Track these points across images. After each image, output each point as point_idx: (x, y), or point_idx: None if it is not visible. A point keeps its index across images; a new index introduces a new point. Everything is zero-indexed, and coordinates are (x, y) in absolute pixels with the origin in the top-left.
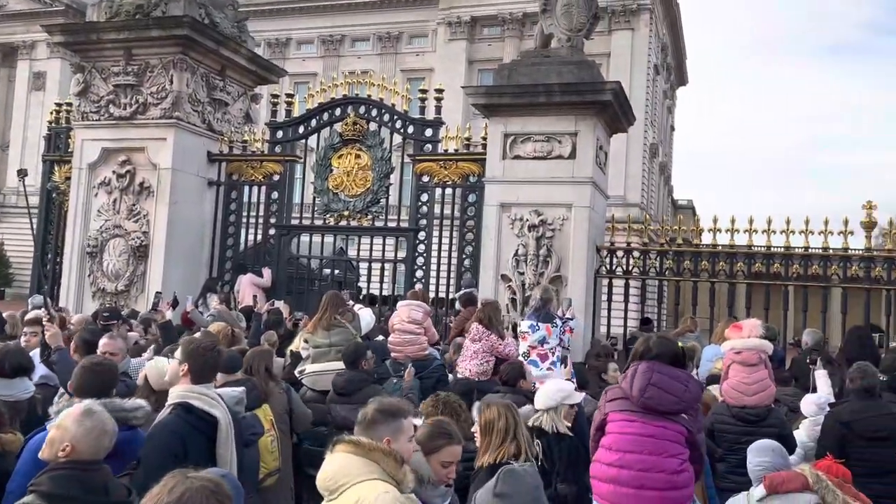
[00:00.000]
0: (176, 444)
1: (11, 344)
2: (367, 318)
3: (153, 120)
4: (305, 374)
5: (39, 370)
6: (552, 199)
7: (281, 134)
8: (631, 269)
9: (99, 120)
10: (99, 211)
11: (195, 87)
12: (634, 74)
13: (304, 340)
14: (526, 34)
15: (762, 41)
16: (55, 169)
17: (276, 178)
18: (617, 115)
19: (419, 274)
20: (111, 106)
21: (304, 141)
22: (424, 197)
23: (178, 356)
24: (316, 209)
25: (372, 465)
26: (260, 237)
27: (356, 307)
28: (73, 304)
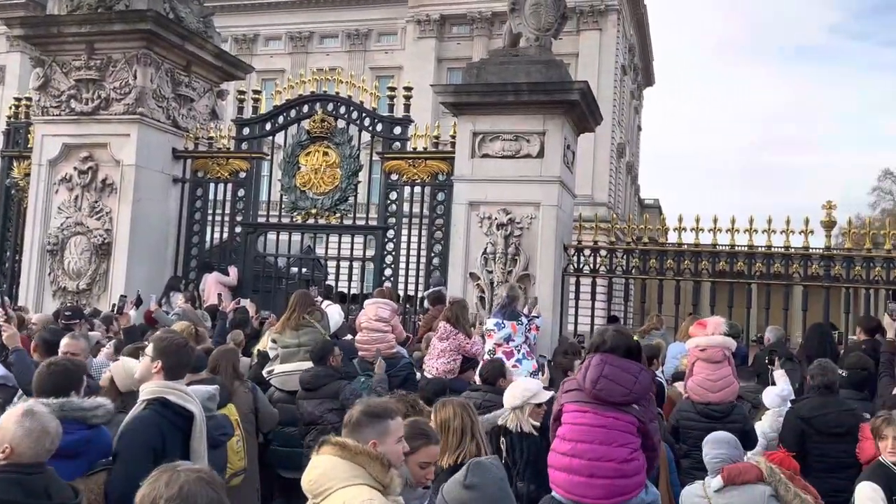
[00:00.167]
0: (155, 438)
1: None
2: (335, 316)
3: (116, 115)
4: (274, 374)
5: None
6: (520, 197)
7: (248, 131)
8: (598, 267)
9: (60, 115)
10: (60, 208)
11: (160, 82)
12: (602, 74)
13: (271, 340)
14: (495, 33)
15: (729, 43)
16: (14, 165)
17: (242, 175)
18: (584, 114)
19: (388, 272)
20: (72, 101)
21: (271, 138)
22: (393, 195)
23: (149, 353)
24: (283, 207)
25: (357, 469)
26: (226, 235)
27: (325, 304)
28: (32, 303)
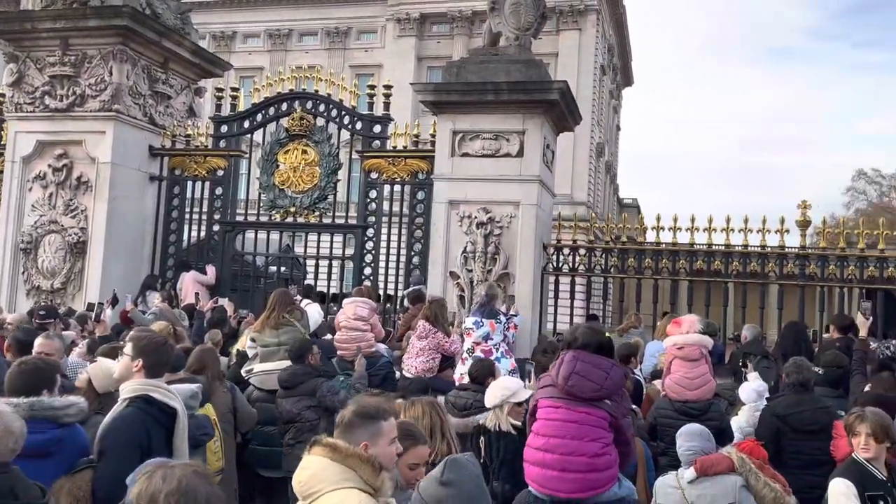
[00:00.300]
0: (141, 435)
1: None
2: (315, 315)
3: (91, 112)
4: (253, 373)
5: None
6: (500, 196)
7: (226, 128)
8: (577, 266)
9: (34, 112)
10: (33, 206)
11: (136, 79)
12: (581, 74)
13: (250, 339)
14: (475, 32)
15: (708, 44)
16: None
17: (220, 173)
18: (564, 114)
19: (367, 271)
20: (47, 97)
21: (249, 136)
22: (373, 194)
23: (128, 352)
24: (262, 205)
25: (348, 471)
26: (204, 234)
27: (304, 303)
28: (5, 302)
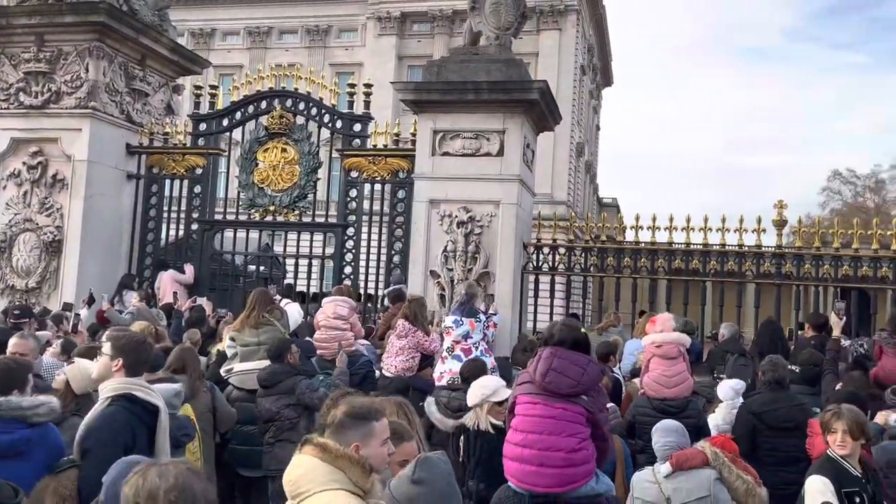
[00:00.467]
0: (126, 434)
1: None
2: (294, 314)
3: (67, 109)
4: (233, 373)
5: None
6: (481, 196)
7: (204, 126)
8: (557, 265)
9: (8, 109)
10: (8, 204)
11: (113, 76)
12: (561, 74)
13: (230, 339)
14: (456, 31)
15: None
16: None
17: (198, 171)
18: (544, 113)
19: (348, 270)
20: (21, 94)
21: (228, 134)
22: (353, 192)
23: (107, 352)
24: (241, 204)
25: (337, 473)
26: (182, 232)
27: (284, 302)
28: None
